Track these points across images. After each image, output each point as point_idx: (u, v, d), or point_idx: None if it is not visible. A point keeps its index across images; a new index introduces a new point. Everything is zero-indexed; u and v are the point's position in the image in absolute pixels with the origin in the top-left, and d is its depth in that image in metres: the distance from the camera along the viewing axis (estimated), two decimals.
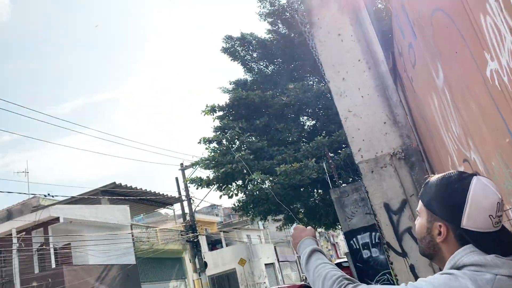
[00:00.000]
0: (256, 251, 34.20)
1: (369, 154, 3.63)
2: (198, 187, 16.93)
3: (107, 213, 17.87)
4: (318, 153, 14.55)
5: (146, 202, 22.28)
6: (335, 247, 62.10)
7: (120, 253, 17.47)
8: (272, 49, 18.80)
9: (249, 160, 15.12)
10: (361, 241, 11.21)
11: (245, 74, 19.87)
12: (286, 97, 16.10)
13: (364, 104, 3.69)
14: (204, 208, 48.19)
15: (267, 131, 16.87)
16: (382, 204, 3.56)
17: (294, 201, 16.69)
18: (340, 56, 3.85)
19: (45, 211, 15.21)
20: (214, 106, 17.31)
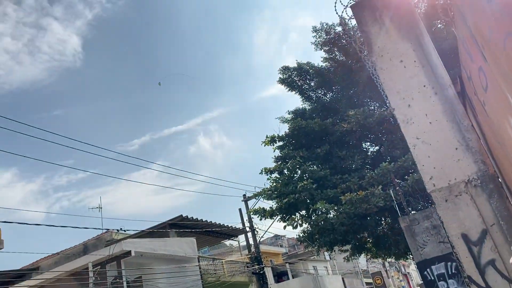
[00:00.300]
0: (324, 283, 33.20)
1: (442, 182, 3.47)
2: (262, 218, 16.94)
3: (176, 246, 18.30)
4: (384, 180, 14.07)
5: (212, 234, 22.57)
6: (407, 277, 58.77)
7: (188, 285, 17.71)
8: (330, 76, 18.78)
9: (312, 189, 14.95)
10: (436, 271, 10.57)
11: (304, 103, 19.93)
12: (347, 124, 15.88)
13: (432, 130, 3.56)
14: (268, 239, 47.91)
15: (329, 159, 16.65)
16: (459, 234, 3.36)
17: (361, 231, 16.14)
18: (404, 83, 3.78)
19: (118, 245, 15.87)
20: (274, 136, 17.46)
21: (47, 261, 20.53)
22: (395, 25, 3.94)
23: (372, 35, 4.16)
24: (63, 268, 16.20)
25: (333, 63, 18.89)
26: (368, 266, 45.03)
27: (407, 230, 11.49)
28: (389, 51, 3.93)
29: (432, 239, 11.03)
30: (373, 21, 4.15)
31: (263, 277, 21.21)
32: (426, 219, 11.45)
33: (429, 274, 10.74)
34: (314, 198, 15.04)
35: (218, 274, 21.69)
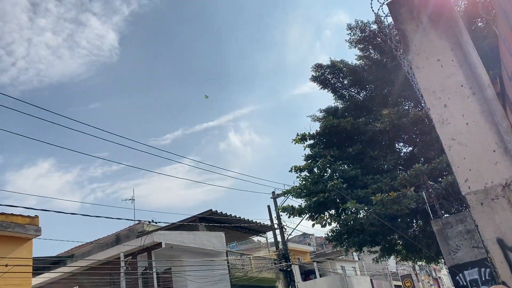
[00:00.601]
0: (351, 283, 32.86)
1: (478, 185, 3.38)
2: (290, 215, 16.90)
3: (205, 239, 18.56)
4: (417, 182, 13.77)
5: (240, 230, 22.74)
6: (438, 282, 57.35)
7: (216, 279, 17.94)
8: (364, 75, 18.51)
9: (342, 189, 14.80)
10: (468, 277, 10.28)
11: (336, 101, 19.73)
12: (380, 123, 15.61)
13: (469, 131, 3.47)
14: (296, 237, 47.81)
15: (361, 159, 16.42)
16: (495, 239, 3.28)
17: (391, 232, 15.87)
18: (440, 82, 3.70)
19: (149, 237, 16.24)
20: (305, 134, 17.36)
21: (81, 249, 21.26)
22: (433, 23, 3.86)
23: (408, 33, 4.08)
24: (96, 257, 16.74)
25: (367, 61, 18.62)
26: (397, 268, 44.19)
27: (439, 234, 11.23)
28: (426, 50, 3.86)
29: (465, 244, 10.73)
30: (410, 18, 4.08)
31: (290, 275, 21.22)
32: (460, 223, 11.15)
33: (461, 280, 10.46)
34: (344, 198, 14.90)
35: (245, 269, 21.84)
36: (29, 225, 15.88)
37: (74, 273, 16.76)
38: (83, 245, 20.84)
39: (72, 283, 17.35)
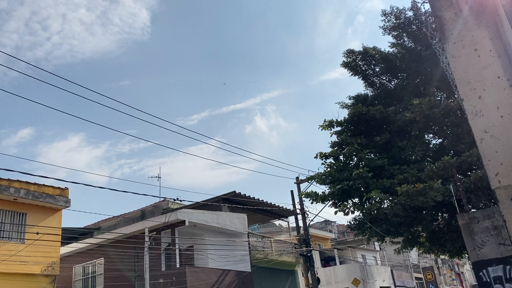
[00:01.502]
0: (372, 273, 32.79)
1: (509, 179, 3.30)
2: (313, 201, 16.88)
3: (227, 220, 18.82)
4: (445, 174, 13.49)
5: (262, 212, 22.92)
6: (460, 277, 56.51)
7: (237, 259, 18.23)
8: (396, 63, 18.07)
9: (367, 177, 14.65)
10: (492, 274, 10.10)
11: (366, 89, 19.39)
12: (410, 113, 15.29)
13: (503, 125, 3.37)
14: (318, 223, 47.91)
15: (388, 149, 16.18)
16: None
17: (415, 224, 15.69)
18: (476, 73, 3.59)
19: (173, 214, 16.60)
20: (332, 121, 17.18)
21: (108, 222, 21.93)
22: (473, 10, 3.74)
23: (446, 20, 3.97)
24: (122, 231, 17.25)
25: (400, 49, 18.16)
26: (419, 261, 43.75)
27: (465, 228, 11.03)
28: (463, 39, 3.74)
29: (491, 240, 10.52)
30: (448, 6, 3.96)
31: (310, 260, 21.32)
32: (487, 219, 10.92)
33: (484, 276, 10.29)
34: (368, 187, 14.76)
35: (266, 251, 22.09)
36: (59, 196, 16.48)
37: (100, 245, 17.35)
38: (109, 218, 21.49)
39: (98, 255, 17.98)
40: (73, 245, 18.61)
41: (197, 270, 16.56)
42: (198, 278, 16.12)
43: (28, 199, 15.43)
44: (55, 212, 16.43)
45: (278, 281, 23.67)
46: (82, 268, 18.89)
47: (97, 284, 18.05)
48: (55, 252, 15.79)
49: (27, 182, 15.58)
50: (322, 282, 26.00)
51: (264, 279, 22.30)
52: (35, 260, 14.53)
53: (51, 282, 15.89)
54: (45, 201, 15.92)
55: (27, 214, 15.58)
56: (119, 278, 16.71)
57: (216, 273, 17.21)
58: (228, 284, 17.53)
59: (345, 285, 30.45)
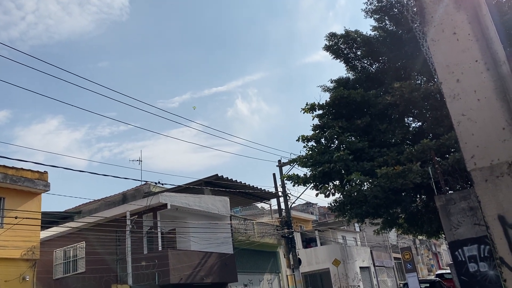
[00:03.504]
0: (352, 253, 33.47)
1: (484, 161, 3.38)
2: (295, 184, 17.04)
3: (209, 203, 18.87)
4: (423, 157, 13.75)
5: (245, 195, 23.05)
6: (437, 256, 58.20)
7: (219, 242, 18.36)
8: (378, 46, 18.15)
9: (348, 160, 14.83)
10: (467, 253, 10.42)
11: (348, 72, 19.48)
12: (391, 97, 15.45)
13: (480, 108, 3.44)
14: (300, 206, 48.40)
15: (368, 132, 16.36)
16: (496, 216, 3.30)
17: (394, 205, 16.00)
18: (454, 56, 3.63)
19: (155, 198, 16.54)
20: (314, 104, 17.24)
21: (89, 206, 21.74)
22: None
23: (426, 4, 3.99)
24: (103, 214, 17.14)
25: (382, 33, 18.22)
26: (398, 241, 44.83)
27: (442, 209, 11.31)
28: (442, 22, 3.77)
29: (467, 221, 10.82)
30: None
31: (291, 241, 21.61)
32: (463, 200, 11.21)
33: (460, 255, 10.61)
34: (349, 169, 14.95)
35: (248, 234, 22.28)
36: (38, 180, 16.23)
37: (81, 228, 17.22)
38: (90, 202, 21.29)
39: (79, 239, 17.87)
40: (53, 229, 18.43)
41: (179, 253, 16.63)
42: (181, 261, 16.20)
43: (6, 183, 15.15)
44: (34, 196, 16.19)
45: (260, 262, 23.98)
46: (63, 252, 18.76)
47: (78, 268, 17.98)
48: (35, 237, 15.62)
49: (5, 166, 15.27)
50: (304, 263, 26.43)
51: (247, 260, 22.56)
52: (14, 244, 14.36)
53: (31, 266, 15.76)
54: (24, 185, 15.66)
55: (5, 199, 15.32)
56: (101, 262, 16.67)
57: (199, 255, 17.32)
58: (211, 266, 17.67)
59: (326, 265, 31.04)
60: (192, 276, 16.59)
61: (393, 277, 40.87)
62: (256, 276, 23.23)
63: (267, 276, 24.31)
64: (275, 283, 24.88)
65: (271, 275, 24.70)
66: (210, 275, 17.52)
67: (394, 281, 40.39)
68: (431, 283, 18.75)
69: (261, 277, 23.73)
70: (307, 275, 30.83)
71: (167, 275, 15.52)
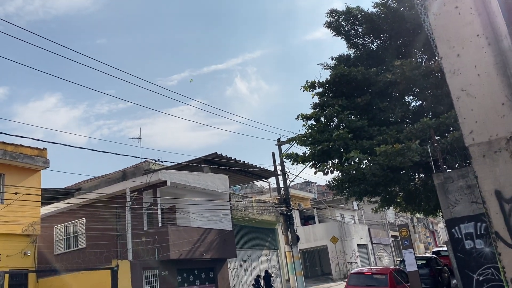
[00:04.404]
0: (349, 231, 33.85)
1: (482, 137, 3.38)
2: (294, 162, 17.06)
3: (209, 181, 18.96)
4: (423, 135, 13.74)
5: (244, 174, 23.14)
6: (434, 234, 58.91)
7: (218, 219, 18.53)
8: (379, 23, 17.90)
9: (347, 139, 14.82)
10: (464, 230, 10.54)
11: (349, 50, 19.26)
12: (391, 75, 15.33)
13: (480, 83, 3.42)
14: (298, 184, 48.70)
15: (368, 110, 16.30)
16: (493, 191, 3.32)
17: (392, 184, 16.08)
18: (456, 31, 3.59)
19: (154, 175, 16.60)
20: (314, 82, 17.11)
21: (89, 183, 21.85)
22: None
23: None
24: (103, 191, 17.23)
25: (384, 9, 17.94)
26: (395, 219, 45.30)
27: (440, 187, 11.39)
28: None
29: (464, 199, 10.91)
30: None
31: (290, 219, 21.81)
32: (461, 178, 11.27)
33: (456, 232, 10.72)
34: (348, 148, 14.95)
35: (247, 211, 22.48)
36: (38, 156, 16.26)
37: (81, 205, 17.35)
38: (90, 179, 21.40)
39: (79, 215, 18.02)
40: (54, 206, 18.56)
41: (179, 229, 16.79)
42: (180, 237, 16.37)
43: (6, 160, 15.18)
44: (34, 172, 16.25)
45: (259, 239, 24.27)
46: (63, 228, 18.95)
47: (79, 243, 18.19)
48: (35, 212, 15.75)
49: (4, 143, 15.28)
50: (302, 239, 26.76)
51: (245, 237, 22.82)
52: (15, 220, 14.49)
53: (32, 241, 15.94)
54: (23, 162, 15.69)
55: (5, 175, 15.37)
56: (101, 238, 16.85)
57: (198, 231, 17.51)
58: (210, 242, 17.88)
59: (324, 242, 31.44)
60: (192, 252, 16.81)
61: (390, 254, 41.46)
62: (254, 252, 23.55)
63: (266, 252, 24.64)
64: (273, 259, 25.24)
65: (269, 251, 25.03)
66: (210, 251, 17.75)
67: (391, 258, 40.99)
68: (427, 260, 19.01)
69: (260, 253, 24.05)
70: (305, 251, 31.27)
71: (167, 251, 15.72)
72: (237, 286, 21.54)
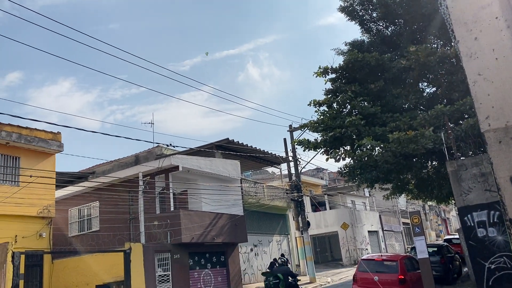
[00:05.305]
0: (360, 217, 33.84)
1: (499, 122, 3.32)
2: (306, 149, 17.03)
3: (220, 166, 19.04)
4: (437, 123, 13.56)
5: (255, 160, 23.18)
6: (446, 222, 58.63)
7: (230, 204, 18.64)
8: (394, 8, 17.58)
9: (359, 125, 14.71)
10: (476, 218, 10.47)
11: (363, 35, 18.99)
12: (405, 61, 15.10)
13: (498, 67, 3.34)
14: (310, 171, 48.71)
15: (382, 96, 16.12)
16: (508, 177, 3.27)
17: (405, 171, 15.96)
18: (474, 13, 3.50)
19: (167, 160, 16.72)
20: (327, 68, 16.95)
21: (102, 167, 22.10)
22: None
23: None
24: (116, 175, 17.43)
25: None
26: (407, 207, 45.12)
27: (453, 175, 11.29)
28: None
29: (478, 186, 10.81)
30: None
31: (301, 205, 21.87)
32: (475, 166, 11.17)
33: (469, 220, 10.66)
34: (361, 134, 14.85)
35: (258, 196, 22.57)
36: (52, 140, 16.47)
37: (95, 188, 17.59)
38: (103, 163, 21.64)
39: (93, 198, 18.28)
40: (68, 189, 18.85)
41: (190, 213, 16.95)
42: (192, 221, 16.54)
43: (21, 143, 15.41)
44: (48, 156, 16.48)
45: (270, 224, 24.41)
46: (77, 210, 19.26)
47: (92, 226, 18.49)
48: (50, 195, 16.01)
49: (19, 126, 15.49)
50: (312, 225, 26.83)
51: (256, 222, 22.97)
52: (30, 202, 14.76)
53: (47, 223, 16.25)
54: (38, 145, 15.91)
55: (20, 158, 15.62)
56: (114, 221, 17.10)
57: (210, 216, 17.65)
58: (221, 226, 18.03)
59: (334, 228, 31.51)
60: (203, 236, 16.98)
61: (401, 241, 41.40)
62: (265, 237, 23.71)
63: (276, 237, 24.79)
64: (284, 244, 25.40)
65: (280, 236, 25.18)
66: (221, 235, 17.91)
67: (402, 245, 40.94)
68: (438, 247, 18.93)
69: (270, 238, 24.21)
70: (315, 237, 31.41)
71: (179, 235, 15.91)
72: (248, 270, 21.77)
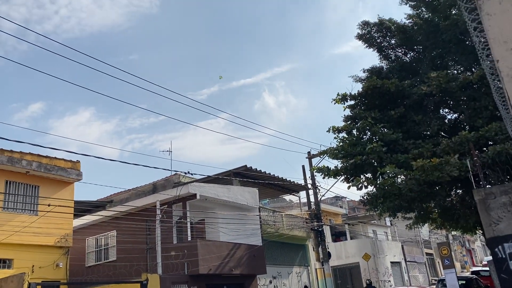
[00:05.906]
0: (382, 248, 32.86)
1: None
2: (325, 176, 16.70)
3: (238, 194, 18.77)
4: (461, 149, 13.17)
5: (274, 187, 22.86)
6: (471, 253, 56.60)
7: (248, 233, 18.26)
8: (413, 34, 17.51)
9: (381, 152, 14.39)
10: (508, 250, 9.94)
11: (381, 62, 18.90)
12: (426, 87, 14.88)
13: None
14: (328, 199, 47.95)
15: (403, 123, 15.84)
16: None
17: (428, 199, 15.46)
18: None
19: (184, 188, 16.55)
20: (345, 94, 16.83)
21: (120, 196, 22.07)
22: None
23: None
24: (134, 204, 17.30)
25: (418, 20, 17.56)
26: (430, 237, 43.75)
27: (481, 204, 10.82)
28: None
29: (508, 216, 10.32)
30: None
31: (321, 234, 21.32)
32: (504, 194, 10.69)
33: (500, 252, 10.14)
34: (382, 162, 14.51)
35: (277, 226, 22.11)
36: (71, 169, 16.53)
37: (112, 217, 17.46)
38: (121, 192, 21.61)
39: (110, 227, 18.13)
40: (86, 218, 18.76)
41: (208, 244, 16.61)
42: (210, 251, 16.18)
43: (40, 172, 15.49)
44: (67, 185, 16.51)
45: (289, 255, 23.78)
46: (95, 240, 19.11)
47: (110, 256, 18.26)
48: (67, 224, 15.94)
49: (39, 155, 15.61)
50: (333, 256, 26.08)
51: (275, 253, 22.41)
52: (48, 232, 14.68)
53: (64, 253, 16.11)
54: (57, 174, 15.97)
55: (39, 187, 15.67)
56: (131, 250, 16.86)
57: (228, 246, 17.27)
58: (239, 257, 17.59)
59: (356, 259, 30.59)
60: (221, 267, 16.56)
61: (424, 272, 39.95)
62: (285, 269, 23.06)
63: (296, 269, 24.10)
64: (304, 276, 24.65)
65: (300, 268, 24.47)
66: (239, 266, 17.46)
67: (425, 277, 39.48)
68: (467, 280, 18.09)
69: (290, 270, 23.54)
70: (336, 269, 30.50)
71: (196, 265, 15.54)
72: None
